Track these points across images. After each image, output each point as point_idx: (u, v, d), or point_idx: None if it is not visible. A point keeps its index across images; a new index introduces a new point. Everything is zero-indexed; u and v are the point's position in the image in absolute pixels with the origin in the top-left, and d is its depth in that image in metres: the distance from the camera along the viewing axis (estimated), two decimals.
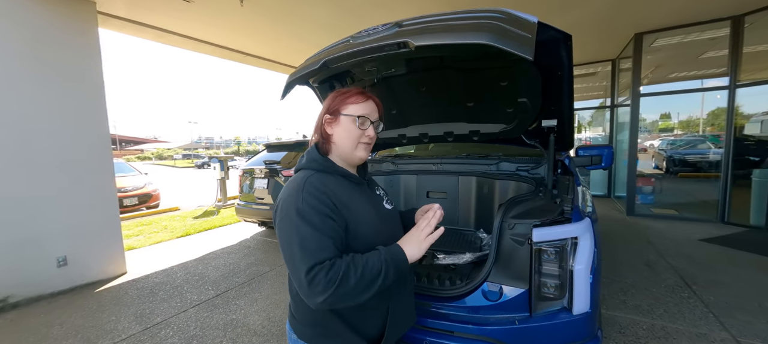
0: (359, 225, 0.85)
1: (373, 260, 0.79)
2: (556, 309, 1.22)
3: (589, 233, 1.21)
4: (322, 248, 0.76)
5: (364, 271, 0.76)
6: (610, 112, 6.74)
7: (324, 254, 0.75)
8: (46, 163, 2.95)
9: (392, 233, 0.96)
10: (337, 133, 0.91)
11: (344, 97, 0.91)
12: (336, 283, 0.73)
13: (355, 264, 0.77)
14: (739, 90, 4.37)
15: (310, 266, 0.74)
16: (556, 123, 1.66)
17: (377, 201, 0.99)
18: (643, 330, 2.18)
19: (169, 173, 22.09)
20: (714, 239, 3.91)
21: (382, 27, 1.21)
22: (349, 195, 0.87)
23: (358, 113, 0.90)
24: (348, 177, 0.92)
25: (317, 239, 0.76)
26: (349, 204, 0.85)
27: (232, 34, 4.77)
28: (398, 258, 0.82)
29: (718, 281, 2.82)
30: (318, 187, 0.82)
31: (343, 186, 0.88)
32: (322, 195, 0.81)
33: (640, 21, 4.48)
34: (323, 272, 0.73)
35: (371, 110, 0.92)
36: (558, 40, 1.29)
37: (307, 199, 0.79)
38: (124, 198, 6.65)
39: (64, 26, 3.06)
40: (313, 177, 0.85)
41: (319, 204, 0.79)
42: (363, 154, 0.92)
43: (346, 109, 0.90)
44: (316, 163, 0.90)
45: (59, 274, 3.04)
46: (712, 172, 5.24)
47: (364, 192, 0.95)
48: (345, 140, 0.90)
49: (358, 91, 0.93)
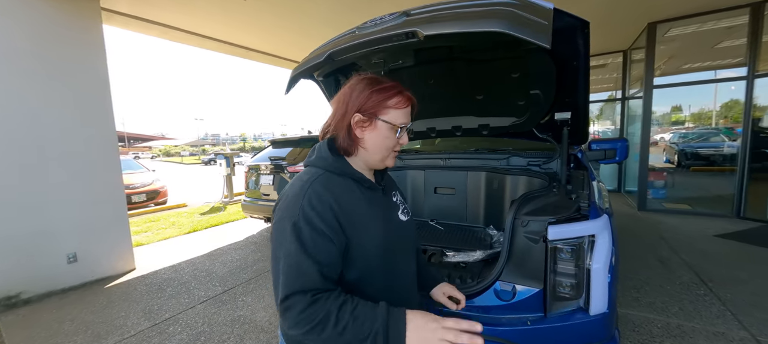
0: (364, 239, 0.75)
1: (364, 319, 0.63)
2: (572, 309, 1.17)
3: (607, 230, 1.16)
4: (306, 275, 0.65)
5: (346, 329, 0.62)
6: (621, 105, 6.58)
7: (307, 283, 0.65)
8: (54, 160, 2.97)
9: (403, 250, 0.87)
10: (371, 138, 0.78)
11: (383, 98, 0.76)
12: (308, 326, 0.63)
13: (340, 315, 0.63)
14: (758, 80, 4.21)
15: (287, 294, 0.65)
16: (570, 116, 1.59)
17: (391, 211, 0.88)
18: (658, 328, 2.12)
19: (176, 170, 22.34)
20: (730, 234, 3.80)
21: (389, 16, 1.16)
22: (356, 204, 0.76)
23: (401, 122, 0.77)
24: (361, 181, 0.80)
25: (304, 263, 0.66)
26: (354, 214, 0.74)
27: (236, 29, 4.74)
28: (397, 334, 0.63)
29: (735, 278, 2.73)
30: (321, 195, 0.71)
31: (352, 192, 0.77)
32: (323, 207, 0.70)
33: (653, 10, 4.33)
34: (300, 306, 0.63)
35: (409, 116, 0.81)
36: (575, 28, 1.22)
37: (306, 210, 0.69)
38: (133, 195, 6.72)
39: (68, 23, 3.05)
40: (318, 180, 0.75)
41: (318, 219, 0.68)
42: (391, 162, 0.83)
43: (385, 113, 0.76)
44: (326, 162, 0.78)
45: (70, 270, 3.07)
46: (727, 165, 5.09)
47: (377, 199, 0.83)
48: (378, 148, 0.78)
49: (398, 90, 0.78)
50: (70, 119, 3.06)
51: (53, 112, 2.96)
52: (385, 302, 0.68)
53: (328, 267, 0.68)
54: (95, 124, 3.22)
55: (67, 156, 3.04)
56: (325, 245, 0.68)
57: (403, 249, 0.87)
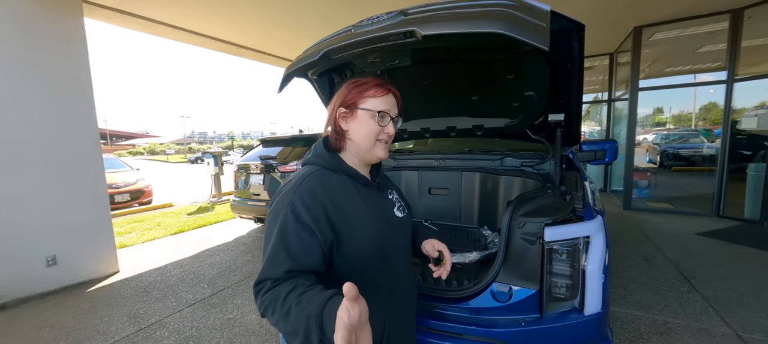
0: (356, 235, 0.77)
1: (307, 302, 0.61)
2: (567, 309, 1.18)
3: (602, 232, 1.17)
4: (276, 265, 0.69)
5: (290, 310, 0.63)
6: (607, 106, 6.74)
7: (273, 271, 0.69)
8: (31, 159, 2.83)
9: (398, 245, 0.89)
10: (354, 128, 0.82)
11: (362, 89, 0.82)
12: (263, 308, 0.68)
13: (288, 298, 0.64)
14: (737, 84, 4.38)
15: (259, 280, 0.70)
16: (564, 117, 1.61)
17: (386, 208, 0.90)
18: (645, 325, 2.18)
19: (161, 168, 21.77)
20: (710, 233, 3.94)
21: (386, 15, 1.15)
22: (351, 201, 0.79)
23: (379, 108, 0.81)
24: (355, 177, 0.84)
25: (277, 254, 0.70)
26: (348, 211, 0.77)
27: (223, 25, 4.63)
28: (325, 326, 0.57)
29: (716, 275, 2.83)
30: (313, 190, 0.75)
31: (347, 188, 0.81)
32: (314, 201, 0.74)
33: (640, 14, 4.45)
34: (263, 292, 0.69)
35: (391, 105, 0.84)
36: (570, 30, 1.24)
37: (295, 203, 0.73)
38: (116, 195, 6.50)
39: (48, 16, 2.91)
40: (313, 175, 0.79)
41: (305, 211, 0.72)
42: (382, 153, 0.84)
43: (364, 102, 0.81)
44: (322, 158, 0.83)
45: (49, 274, 2.94)
46: (707, 165, 5.29)
47: (372, 196, 0.86)
48: (362, 137, 0.82)
49: (377, 82, 0.83)
50: (49, 116, 2.92)
51: (31, 109, 2.82)
52: (334, 290, 0.62)
53: (302, 258, 0.71)
54: (76, 121, 3.09)
55: (45, 154, 2.91)
56: (308, 239, 0.71)
57: (398, 245, 0.89)
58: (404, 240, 0.93)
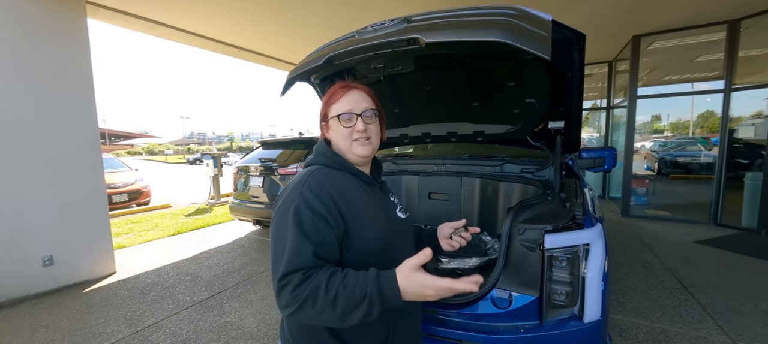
0: (364, 230, 0.77)
1: (354, 285, 0.65)
2: (567, 317, 1.18)
3: (601, 239, 1.18)
4: (301, 255, 0.68)
5: (337, 296, 0.64)
6: (606, 114, 6.78)
7: (300, 262, 0.68)
8: (30, 158, 2.83)
9: (403, 245, 0.88)
10: (333, 137, 0.86)
11: (327, 100, 0.86)
12: (300, 300, 0.64)
13: (330, 285, 0.65)
14: (734, 93, 4.42)
15: (284, 273, 0.67)
16: (564, 124, 1.62)
17: (390, 207, 0.91)
18: (644, 333, 2.18)
19: (160, 169, 21.70)
20: (708, 241, 3.96)
21: (390, 22, 1.16)
22: (357, 195, 0.81)
23: (340, 111, 0.82)
24: (358, 175, 0.85)
25: (299, 244, 0.68)
26: (355, 205, 0.78)
27: (226, 27, 4.65)
28: (390, 292, 0.65)
29: (714, 283, 2.84)
30: (321, 182, 0.76)
31: (353, 184, 0.82)
32: (322, 192, 0.74)
33: (639, 23, 4.50)
34: (294, 284, 0.66)
35: (355, 101, 0.83)
36: (571, 40, 1.25)
37: (306, 194, 0.73)
38: (114, 195, 6.47)
39: (51, 16, 2.92)
40: (318, 171, 0.80)
41: (317, 201, 0.72)
42: (360, 150, 0.83)
43: (330, 110, 0.85)
44: (325, 157, 0.84)
45: (45, 274, 2.92)
46: (704, 173, 5.32)
47: (376, 194, 0.88)
48: (339, 141, 0.84)
49: (338, 86, 0.86)
50: (49, 116, 2.92)
51: (31, 109, 2.82)
52: (374, 268, 0.69)
53: (325, 248, 0.71)
54: (77, 121, 3.09)
55: (44, 154, 2.90)
56: (324, 227, 0.71)
57: (403, 246, 0.89)
58: (408, 242, 0.94)
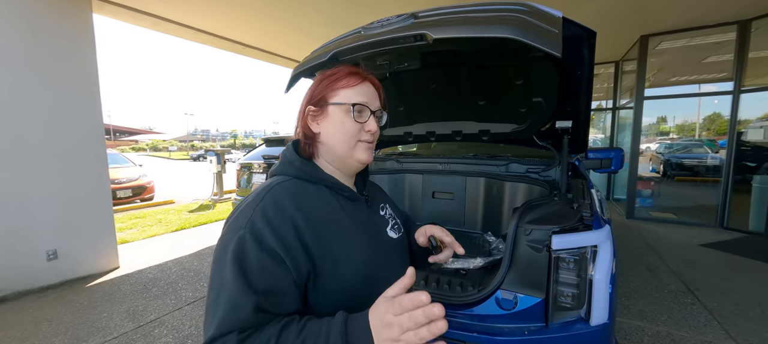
0: (341, 266, 0.59)
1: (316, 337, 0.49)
2: (573, 319, 1.17)
3: (609, 241, 1.16)
4: (238, 308, 0.50)
5: None
6: (612, 115, 6.72)
7: (237, 319, 0.49)
8: (36, 152, 2.84)
9: (393, 274, 0.60)
10: (326, 129, 0.66)
11: (331, 81, 0.66)
12: None
13: (282, 340, 0.49)
14: (743, 95, 4.35)
15: (212, 336, 0.49)
16: (571, 124, 1.60)
17: (378, 227, 0.73)
18: (649, 336, 2.15)
19: (163, 165, 21.83)
20: (714, 244, 3.91)
21: (396, 18, 1.14)
22: (332, 218, 0.62)
23: (354, 100, 0.65)
24: (337, 189, 0.67)
25: (237, 293, 0.50)
26: (327, 235, 0.59)
27: (231, 24, 4.64)
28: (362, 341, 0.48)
29: (720, 287, 2.80)
30: (281, 203, 0.58)
31: (328, 204, 0.64)
32: (281, 218, 0.56)
33: (646, 23, 4.44)
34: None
35: (370, 95, 0.67)
36: (581, 38, 1.23)
37: (256, 222, 0.54)
38: (118, 190, 6.51)
39: (57, 11, 2.93)
40: (281, 186, 0.61)
41: (269, 232, 0.54)
42: (364, 156, 0.67)
43: (335, 95, 0.65)
44: (292, 167, 0.65)
45: (49, 268, 2.94)
46: (711, 176, 5.25)
47: (360, 211, 0.69)
48: (338, 139, 0.65)
49: (349, 70, 0.67)
50: (55, 111, 2.93)
51: (37, 103, 2.83)
52: (342, 313, 0.52)
53: (273, 299, 0.52)
54: (82, 116, 3.10)
55: (50, 148, 2.91)
56: (274, 269, 0.53)
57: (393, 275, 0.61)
58: (400, 268, 0.68)
